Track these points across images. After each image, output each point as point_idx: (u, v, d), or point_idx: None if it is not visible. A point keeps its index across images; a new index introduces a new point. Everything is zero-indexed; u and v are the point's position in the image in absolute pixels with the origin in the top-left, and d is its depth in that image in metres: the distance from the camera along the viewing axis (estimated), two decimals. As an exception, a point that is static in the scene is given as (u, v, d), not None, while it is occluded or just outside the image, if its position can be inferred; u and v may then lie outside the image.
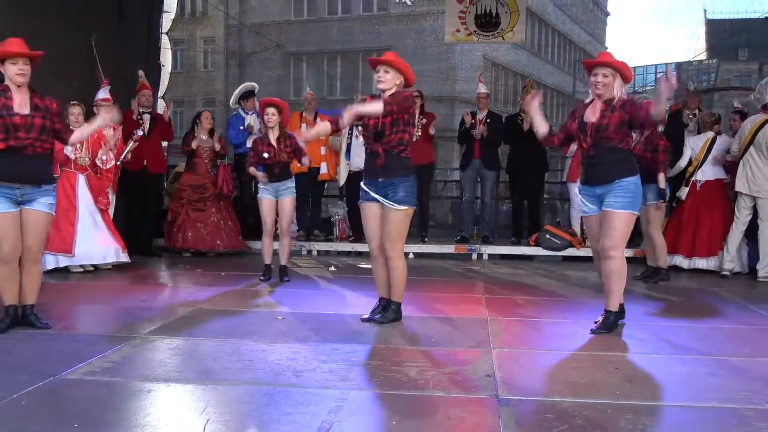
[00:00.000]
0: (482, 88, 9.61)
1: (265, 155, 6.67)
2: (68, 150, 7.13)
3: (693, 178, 8.11)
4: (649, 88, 36.55)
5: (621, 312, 5.00)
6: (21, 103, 4.59)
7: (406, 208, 5.00)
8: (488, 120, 9.24)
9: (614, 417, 3.25)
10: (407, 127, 5.00)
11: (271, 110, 6.69)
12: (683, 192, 8.13)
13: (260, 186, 6.86)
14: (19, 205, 4.62)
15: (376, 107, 4.85)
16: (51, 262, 7.08)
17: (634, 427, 3.13)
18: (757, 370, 4.09)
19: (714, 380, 3.90)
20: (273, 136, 6.69)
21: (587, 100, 4.97)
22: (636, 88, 41.41)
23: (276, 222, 6.99)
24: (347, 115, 4.91)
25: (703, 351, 4.59)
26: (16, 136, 4.51)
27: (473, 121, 9.19)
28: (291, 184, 6.88)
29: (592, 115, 4.81)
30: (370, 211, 5.10)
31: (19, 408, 3.23)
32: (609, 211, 4.80)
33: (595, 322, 4.92)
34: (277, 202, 6.86)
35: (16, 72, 4.58)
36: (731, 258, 7.79)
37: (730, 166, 7.96)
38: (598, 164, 4.82)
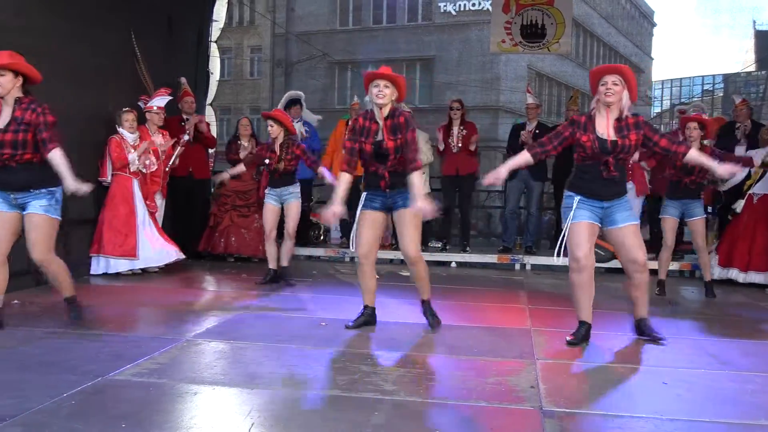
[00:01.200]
0: (530, 99, 9.55)
1: (267, 161, 6.97)
2: (132, 157, 7.27)
3: (750, 192, 7.95)
4: (695, 99, 35.95)
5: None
6: (3, 119, 4.71)
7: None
8: (537, 131, 9.12)
9: (657, 430, 3.20)
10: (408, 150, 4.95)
11: (269, 122, 7.03)
12: (739, 205, 7.97)
13: (266, 192, 7.13)
14: (20, 209, 4.78)
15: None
16: (109, 266, 7.21)
17: (682, 444, 3.08)
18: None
19: (763, 398, 3.81)
20: (276, 144, 6.93)
21: (590, 111, 4.84)
22: (682, 99, 40.88)
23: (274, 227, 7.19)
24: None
25: (751, 368, 4.48)
26: None
27: (528, 132, 9.08)
28: (294, 189, 7.08)
29: (604, 131, 4.70)
30: (372, 219, 5.09)
31: (69, 407, 3.29)
32: (628, 225, 4.77)
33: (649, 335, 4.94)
34: (282, 208, 7.08)
35: None
36: None
37: None
38: (617, 183, 4.77)
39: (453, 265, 9.36)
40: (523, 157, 4.93)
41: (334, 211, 4.97)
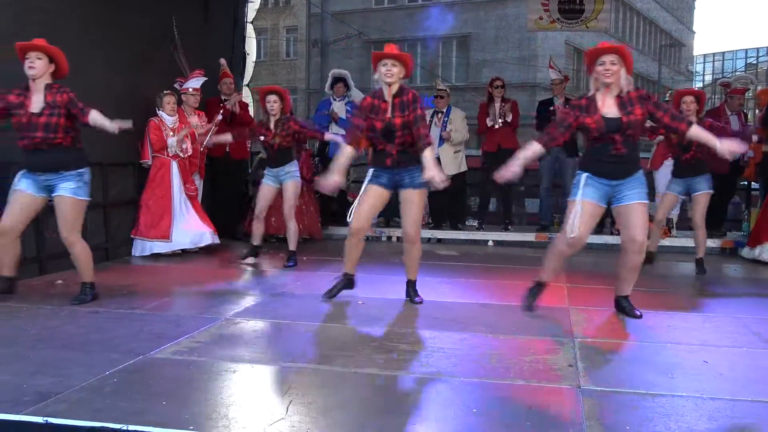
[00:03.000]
0: (554, 75, 9.39)
1: (261, 138, 7.01)
2: (171, 141, 7.33)
3: None
4: (738, 72, 35.17)
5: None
6: (35, 101, 4.82)
7: (425, 189, 5.13)
8: (566, 105, 9.01)
9: (698, 409, 3.16)
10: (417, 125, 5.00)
11: (272, 97, 6.95)
12: None
13: (264, 172, 7.16)
14: (48, 191, 4.91)
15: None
16: (145, 248, 7.30)
17: (717, 420, 3.04)
18: None
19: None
20: (272, 121, 6.91)
21: (589, 94, 4.78)
22: (725, 74, 39.97)
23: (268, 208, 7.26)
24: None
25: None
26: (26, 135, 4.78)
27: (555, 107, 9.00)
28: (291, 168, 7.03)
29: (608, 110, 4.64)
30: (375, 194, 5.15)
31: (111, 385, 3.34)
32: (635, 203, 4.71)
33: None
34: (280, 189, 7.07)
35: (27, 66, 4.78)
36: None
37: None
38: (627, 161, 4.70)
39: (490, 243, 9.31)
40: (533, 149, 4.87)
41: (332, 179, 5.07)
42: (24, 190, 4.90)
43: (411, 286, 5.42)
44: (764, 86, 9.67)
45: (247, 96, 10.24)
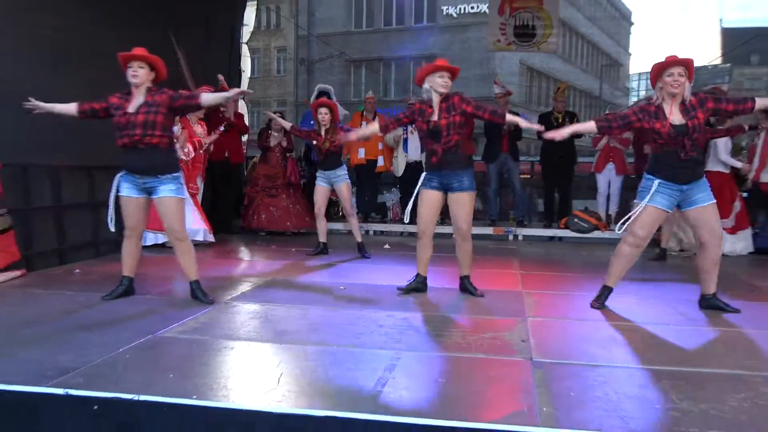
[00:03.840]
0: (497, 89, 9.45)
1: (314, 141, 7.08)
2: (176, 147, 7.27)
3: None
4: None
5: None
6: (134, 104, 4.63)
7: (473, 192, 5.05)
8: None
9: (636, 378, 3.22)
10: (462, 129, 4.95)
11: (323, 110, 7.03)
12: None
13: (317, 174, 7.16)
14: (148, 193, 4.72)
15: None
16: (151, 239, 7.24)
17: (647, 387, 3.09)
18: (763, 342, 3.99)
19: (723, 349, 3.82)
20: (323, 129, 6.98)
21: (653, 101, 4.57)
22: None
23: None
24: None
25: (714, 324, 4.47)
26: (125, 134, 4.58)
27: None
28: (341, 171, 7.06)
29: (675, 117, 4.46)
30: (431, 198, 5.06)
31: (124, 360, 3.34)
32: (707, 205, 4.56)
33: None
34: (332, 189, 7.11)
35: (130, 75, 4.63)
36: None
37: None
38: (695, 164, 4.54)
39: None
40: (588, 126, 4.81)
41: (350, 136, 5.48)
42: (127, 195, 4.71)
43: (467, 281, 5.25)
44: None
45: (242, 107, 10.21)
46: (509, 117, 5.12)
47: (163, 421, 2.76)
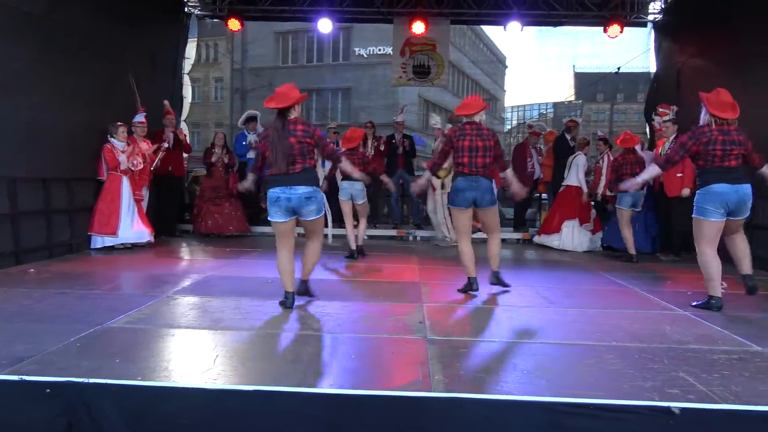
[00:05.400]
0: (399, 117, 9.78)
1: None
2: (122, 159, 6.99)
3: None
4: (534, 119, 37.08)
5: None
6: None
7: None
8: (405, 139, 9.41)
9: (510, 351, 3.32)
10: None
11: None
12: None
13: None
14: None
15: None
16: (97, 242, 6.91)
17: (518, 357, 3.19)
18: (606, 319, 4.19)
19: (577, 326, 3.99)
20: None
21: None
22: (525, 120, 41.98)
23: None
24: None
25: (570, 305, 4.68)
26: None
27: (398, 141, 9.38)
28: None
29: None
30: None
31: (75, 349, 3.15)
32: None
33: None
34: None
35: None
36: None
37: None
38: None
39: (365, 238, 9.35)
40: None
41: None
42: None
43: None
44: (551, 129, 10.20)
45: (184, 128, 9.88)
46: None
47: (110, 400, 2.62)
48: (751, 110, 6.97)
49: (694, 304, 4.54)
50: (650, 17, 9.65)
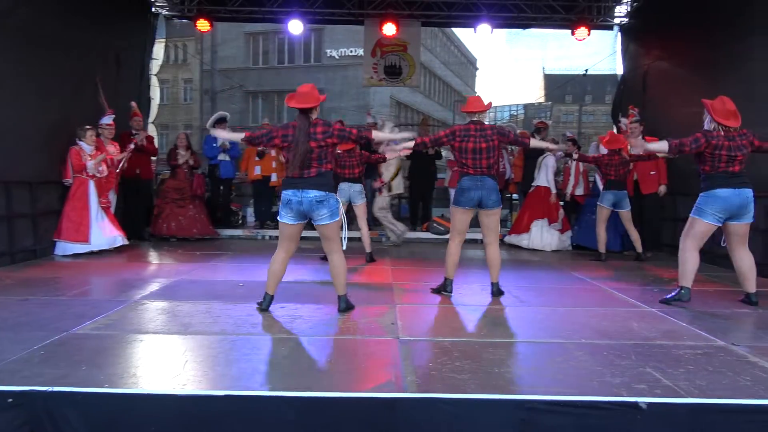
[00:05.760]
0: (369, 120, 9.81)
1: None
2: (90, 164, 6.86)
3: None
4: (505, 121, 37.50)
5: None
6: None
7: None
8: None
9: (481, 350, 3.33)
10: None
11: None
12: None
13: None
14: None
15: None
16: (66, 249, 6.74)
17: (494, 357, 3.21)
18: (575, 317, 4.26)
19: (546, 323, 4.05)
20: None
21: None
22: (497, 121, 42.41)
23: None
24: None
25: (540, 304, 4.74)
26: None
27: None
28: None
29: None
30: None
31: (39, 357, 3.06)
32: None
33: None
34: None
35: None
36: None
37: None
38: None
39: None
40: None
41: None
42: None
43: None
44: (522, 131, 10.32)
45: (152, 130, 9.74)
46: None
47: (75, 409, 2.56)
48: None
49: (666, 297, 4.65)
50: (616, 20, 9.85)
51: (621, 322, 4.02)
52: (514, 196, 10.11)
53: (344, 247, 4.26)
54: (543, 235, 8.24)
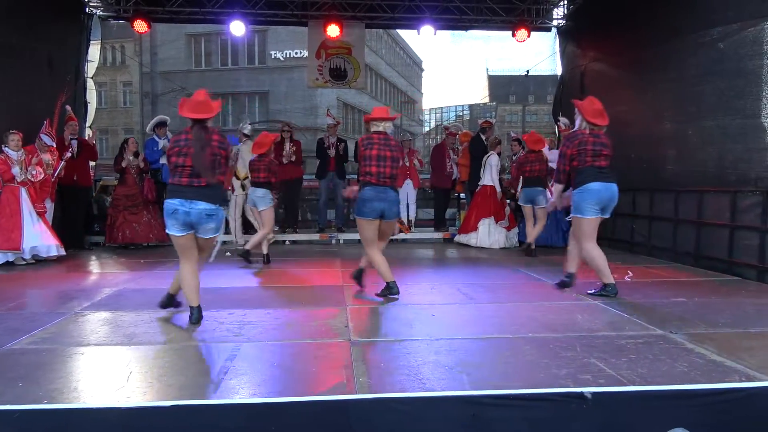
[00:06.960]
0: (330, 120, 9.72)
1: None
2: (15, 171, 6.54)
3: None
4: (451, 121, 38.06)
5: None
6: None
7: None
8: (339, 143, 9.32)
9: (431, 348, 3.37)
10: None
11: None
12: None
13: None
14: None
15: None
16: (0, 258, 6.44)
17: (440, 354, 3.25)
18: (522, 312, 4.35)
19: (495, 320, 4.12)
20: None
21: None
22: (443, 121, 43.00)
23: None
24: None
25: (488, 301, 4.82)
26: None
27: (329, 144, 9.28)
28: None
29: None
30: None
31: (-29, 374, 2.90)
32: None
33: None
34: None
35: None
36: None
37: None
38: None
39: (287, 243, 9.26)
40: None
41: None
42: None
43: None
44: (465, 130, 10.46)
45: (90, 135, 9.38)
46: None
47: (12, 427, 2.44)
48: (647, 111, 7.48)
49: (589, 292, 4.85)
50: (554, 23, 10.14)
51: (566, 315, 4.14)
52: (462, 195, 10.26)
53: (211, 260, 4.25)
54: (491, 234, 8.40)
